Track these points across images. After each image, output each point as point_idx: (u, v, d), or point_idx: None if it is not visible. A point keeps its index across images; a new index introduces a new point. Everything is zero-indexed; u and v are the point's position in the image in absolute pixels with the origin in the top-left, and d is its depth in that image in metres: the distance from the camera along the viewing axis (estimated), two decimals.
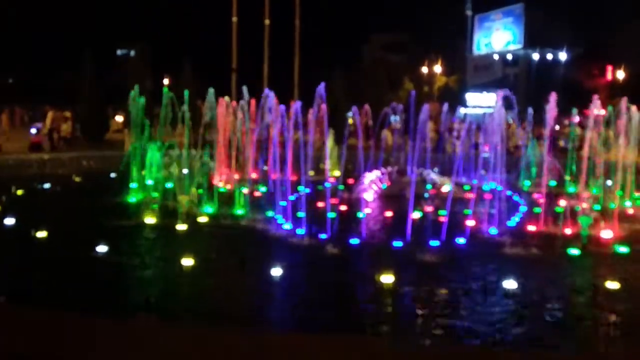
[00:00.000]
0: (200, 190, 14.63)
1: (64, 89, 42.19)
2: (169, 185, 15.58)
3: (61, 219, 12.60)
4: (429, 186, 17.20)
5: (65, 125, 29.10)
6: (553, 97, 13.54)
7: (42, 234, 11.00)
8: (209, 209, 13.89)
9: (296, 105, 13.90)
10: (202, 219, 13.08)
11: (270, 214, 13.40)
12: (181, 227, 12.26)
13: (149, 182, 15.83)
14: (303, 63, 41.01)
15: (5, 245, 10.67)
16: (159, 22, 61.92)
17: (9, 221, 12.06)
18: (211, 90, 17.48)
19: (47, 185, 17.42)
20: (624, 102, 14.96)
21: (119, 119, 36.44)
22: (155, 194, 15.06)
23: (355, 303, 8.24)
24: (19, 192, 15.99)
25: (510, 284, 8.61)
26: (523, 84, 67.20)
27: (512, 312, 7.86)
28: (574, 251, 10.83)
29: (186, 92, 16.49)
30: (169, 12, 62.41)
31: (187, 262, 9.43)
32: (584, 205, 14.00)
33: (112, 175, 18.87)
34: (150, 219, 12.81)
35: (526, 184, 18.48)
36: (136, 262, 9.96)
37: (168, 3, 62.68)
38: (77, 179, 19.33)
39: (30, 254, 10.17)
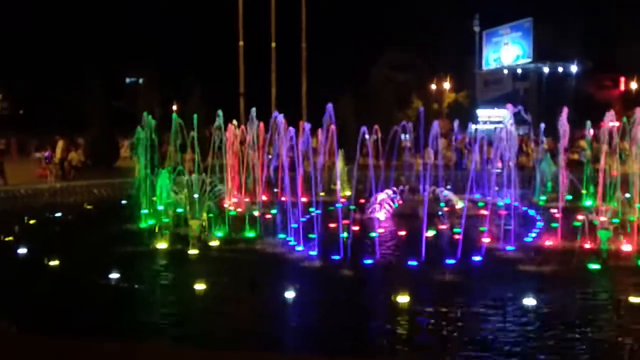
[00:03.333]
0: (211, 214, 14.51)
1: (72, 117, 42.43)
2: (180, 210, 15.48)
3: (73, 247, 12.52)
4: (442, 204, 16.97)
5: (76, 154, 29.17)
6: (565, 111, 13.36)
7: (54, 262, 10.91)
8: (220, 232, 13.77)
9: (305, 126, 13.81)
10: (214, 243, 12.94)
11: (282, 236, 13.26)
12: (193, 251, 12.13)
13: (160, 207, 15.74)
14: (311, 85, 41.11)
15: (18, 273, 10.58)
16: (166, 49, 62.49)
17: (22, 250, 11.99)
18: (220, 113, 17.40)
19: (58, 214, 17.39)
20: (638, 112, 14.71)
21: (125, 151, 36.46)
22: (166, 220, 14.97)
23: (370, 324, 8.03)
24: (31, 221, 15.95)
25: (530, 301, 8.37)
26: (534, 98, 67.01)
27: (533, 330, 7.61)
28: (594, 266, 10.57)
29: (195, 117, 16.46)
30: (177, 39, 63.02)
31: (200, 286, 9.29)
32: (602, 218, 13.72)
33: (123, 202, 18.82)
34: (161, 245, 12.70)
35: (542, 198, 18.22)
36: (148, 288, 9.83)
37: (175, 30, 63.30)
38: (89, 207, 19.30)
39: (42, 282, 10.06)
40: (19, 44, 62.92)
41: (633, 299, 8.47)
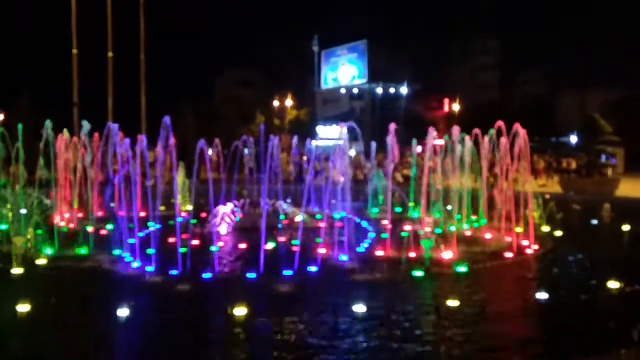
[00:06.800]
0: (39, 231, 13.63)
1: None
2: (3, 226, 14.36)
3: None
4: (282, 217, 17.37)
5: None
6: (392, 128, 14.31)
7: None
8: (49, 250, 12.97)
9: (142, 138, 13.47)
10: (41, 261, 12.15)
11: (117, 252, 12.78)
12: (17, 270, 11.30)
13: None
14: (151, 98, 40.04)
15: None
16: None
17: None
18: (48, 123, 16.34)
19: None
20: (455, 131, 16.14)
21: None
22: None
23: (207, 340, 8.02)
24: None
25: (360, 307, 8.86)
26: (368, 116, 70.74)
27: (364, 336, 8.05)
28: (418, 273, 11.41)
29: (20, 127, 15.37)
30: (3, 42, 58.28)
31: (23, 308, 8.68)
32: (426, 229, 14.85)
33: None
34: None
35: (374, 211, 19.26)
36: None
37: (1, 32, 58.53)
38: None
39: None
40: None
41: (450, 303, 9.27)
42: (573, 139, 54.86)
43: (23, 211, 14.90)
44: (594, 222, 18.88)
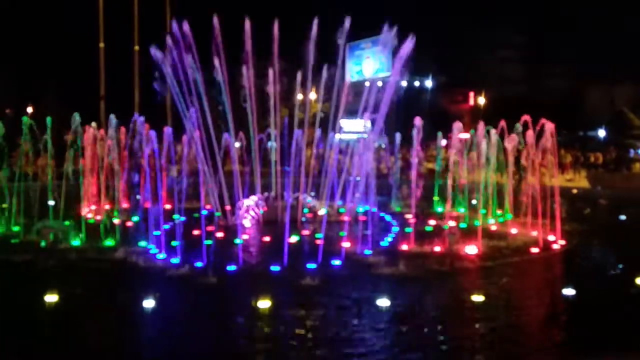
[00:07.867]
0: (67, 222, 13.83)
1: None
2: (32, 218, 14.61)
3: None
4: (305, 210, 17.40)
5: None
6: (418, 122, 14.22)
7: None
8: (77, 241, 13.15)
9: (167, 130, 13.57)
10: (69, 253, 12.33)
11: (143, 244, 12.92)
12: (45, 262, 11.49)
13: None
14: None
15: None
16: (21, 47, 58.32)
17: None
18: (76, 116, 16.52)
19: None
20: (481, 126, 15.96)
21: None
22: (16, 228, 14.06)
23: (231, 331, 8.07)
24: None
25: (384, 302, 8.83)
26: (393, 110, 70.26)
27: (388, 330, 8.03)
28: (443, 268, 11.33)
29: (48, 120, 15.58)
30: (32, 37, 59.04)
31: (51, 298, 8.82)
32: (451, 223, 14.76)
33: None
34: (10, 255, 11.89)
35: (398, 205, 19.18)
36: None
37: (29, 26, 59.26)
38: None
39: None
40: None
41: (475, 298, 9.19)
42: (601, 133, 54.01)
43: (51, 203, 15.16)
44: (622, 217, 18.58)
